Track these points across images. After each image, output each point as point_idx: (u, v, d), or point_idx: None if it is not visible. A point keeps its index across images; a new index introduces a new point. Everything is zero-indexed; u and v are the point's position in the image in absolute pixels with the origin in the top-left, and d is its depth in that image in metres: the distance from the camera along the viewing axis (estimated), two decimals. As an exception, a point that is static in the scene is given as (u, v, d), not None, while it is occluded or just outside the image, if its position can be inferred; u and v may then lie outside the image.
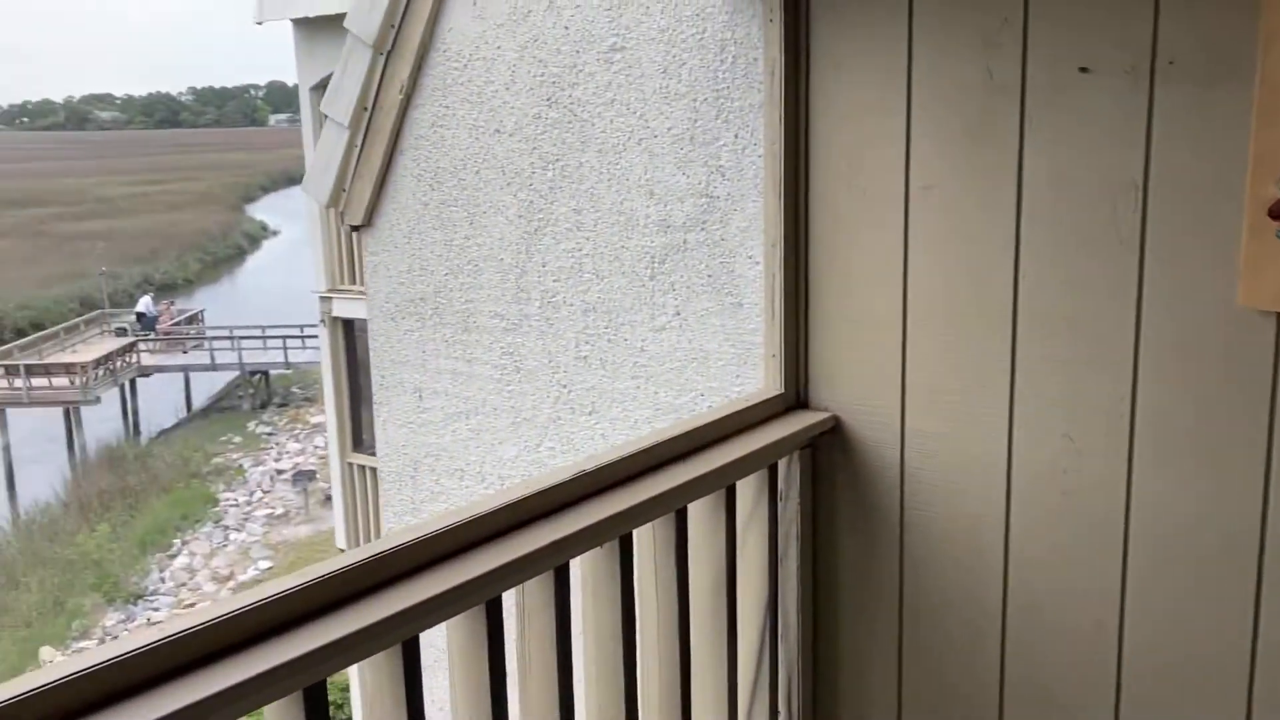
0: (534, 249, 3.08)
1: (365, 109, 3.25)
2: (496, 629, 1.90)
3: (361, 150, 3.31)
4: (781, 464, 2.62)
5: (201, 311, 40.32)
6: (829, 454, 2.63)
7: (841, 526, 2.65)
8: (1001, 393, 2.33)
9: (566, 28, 2.90)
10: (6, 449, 31.15)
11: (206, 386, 36.44)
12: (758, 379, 2.74)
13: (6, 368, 31.81)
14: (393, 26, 3.15)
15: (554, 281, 3.06)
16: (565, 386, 3.09)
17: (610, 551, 2.18)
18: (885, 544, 2.58)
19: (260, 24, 12.02)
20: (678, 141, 2.78)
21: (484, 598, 1.88)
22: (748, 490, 2.55)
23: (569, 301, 3.04)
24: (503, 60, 3.03)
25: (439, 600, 1.73)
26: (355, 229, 3.41)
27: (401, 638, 1.70)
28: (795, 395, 2.65)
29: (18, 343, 35.44)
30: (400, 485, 3.55)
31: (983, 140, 2.24)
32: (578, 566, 2.13)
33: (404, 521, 3.54)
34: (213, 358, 35.21)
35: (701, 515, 2.42)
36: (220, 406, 35.30)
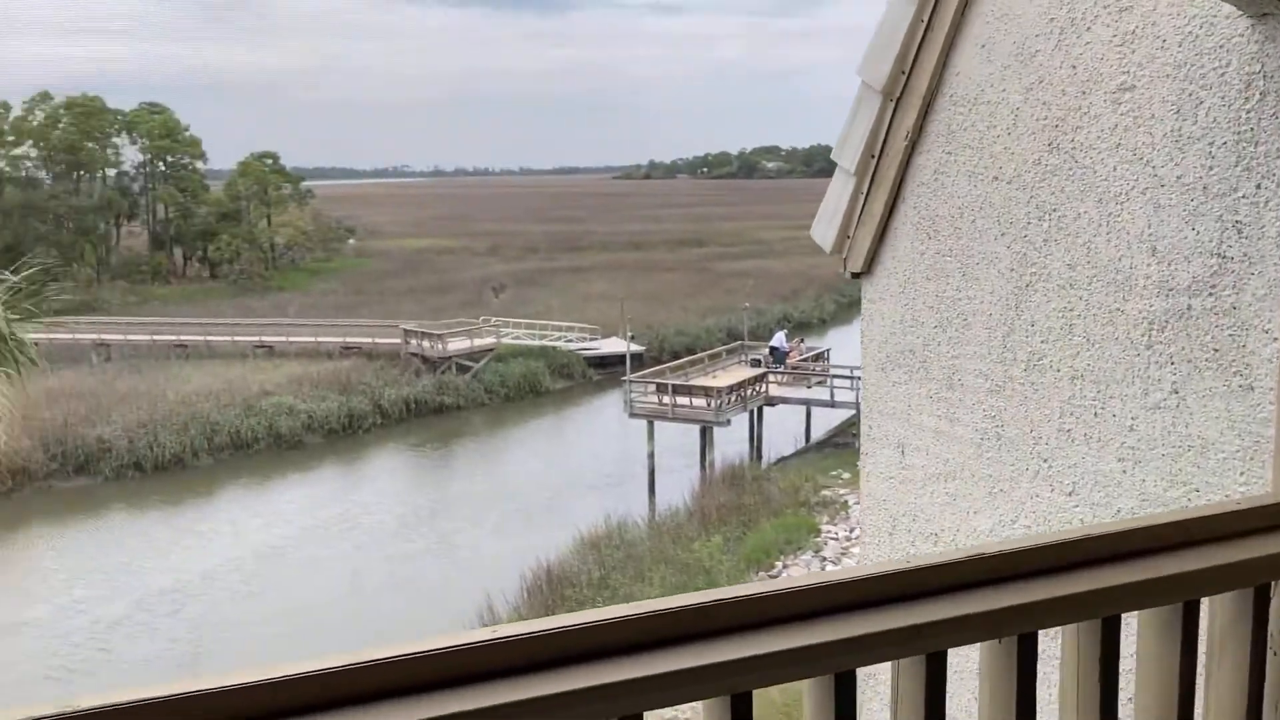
0: (1023, 306, 2.82)
1: (872, 156, 3.22)
2: (847, 701, 1.78)
3: (866, 197, 3.28)
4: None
5: (827, 350, 42.48)
6: (1353, 587, 2.08)
7: (1367, 685, 2.08)
8: None
9: (1074, 67, 2.63)
10: (651, 456, 35.37)
11: (824, 421, 38.33)
12: (1268, 480, 2.26)
13: (659, 385, 36.21)
14: (903, 73, 3.09)
15: (1041, 343, 2.78)
16: (1046, 460, 2.79)
17: (1008, 648, 1.93)
18: None
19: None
20: (1188, 191, 2.38)
21: (835, 668, 1.77)
22: (1220, 611, 2.10)
23: (1055, 366, 2.74)
24: (1006, 104, 2.82)
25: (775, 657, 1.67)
26: (855, 276, 3.39)
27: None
28: (1312, 505, 2.13)
29: (670, 364, 40.28)
30: (878, 542, 3.45)
31: None
32: (965, 659, 1.92)
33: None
34: (832, 395, 36.98)
35: (1146, 630, 2.04)
36: (834, 442, 36.86)
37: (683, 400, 35.38)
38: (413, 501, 34.98)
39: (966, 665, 2.13)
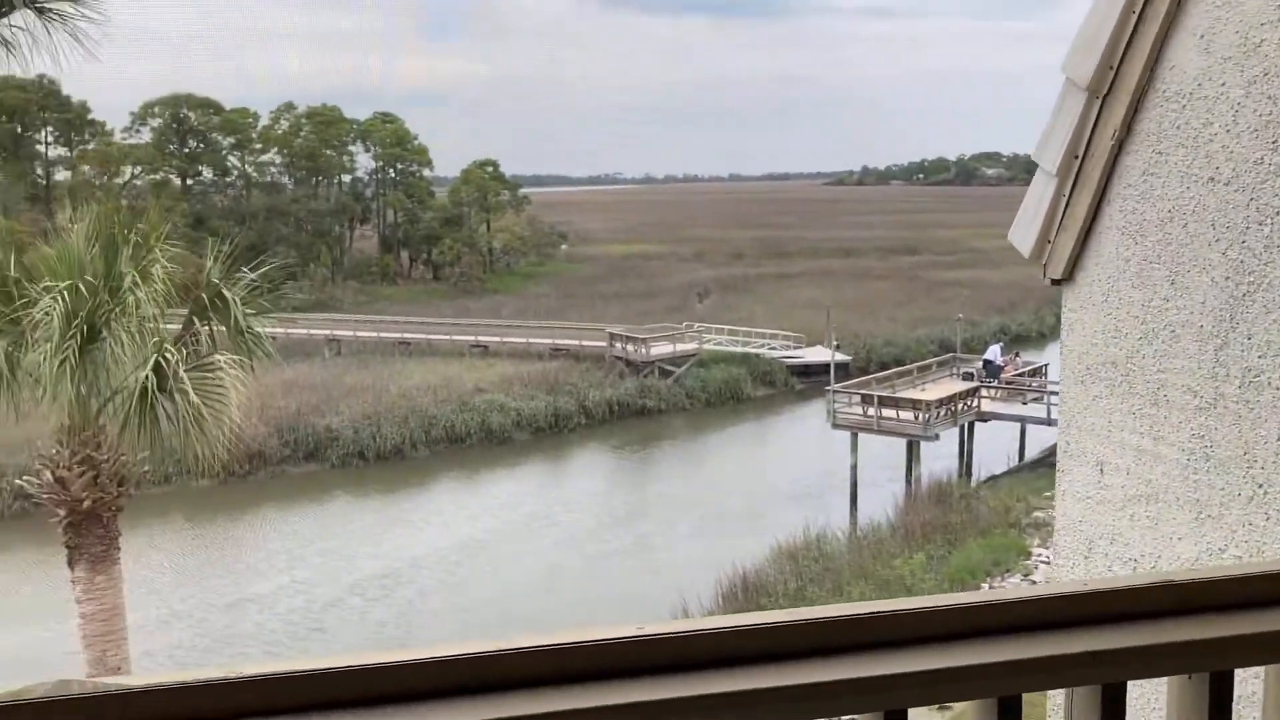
0: (1239, 318, 2.59)
1: (1075, 157, 3.04)
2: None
3: (1069, 200, 3.10)
4: None
5: (1045, 366, 40.56)
6: None
7: None
8: None
9: (1304, 56, 2.40)
10: (854, 469, 34.72)
11: (1040, 439, 36.62)
12: None
13: (864, 397, 35.49)
14: (1111, 68, 2.90)
15: (1259, 358, 2.55)
16: (1261, 485, 2.55)
17: (1199, 685, 1.78)
18: None
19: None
20: None
21: (999, 691, 1.67)
22: None
23: (1275, 384, 2.51)
24: (1226, 99, 2.61)
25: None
26: (1056, 282, 3.20)
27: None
28: None
29: (876, 375, 39.42)
30: (1073, 564, 3.25)
31: None
32: (1148, 693, 1.79)
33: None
34: (1049, 412, 35.22)
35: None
36: (1050, 461, 34.98)
37: (889, 412, 34.52)
38: (611, 502, 35.62)
39: (1160, 701, 1.98)
